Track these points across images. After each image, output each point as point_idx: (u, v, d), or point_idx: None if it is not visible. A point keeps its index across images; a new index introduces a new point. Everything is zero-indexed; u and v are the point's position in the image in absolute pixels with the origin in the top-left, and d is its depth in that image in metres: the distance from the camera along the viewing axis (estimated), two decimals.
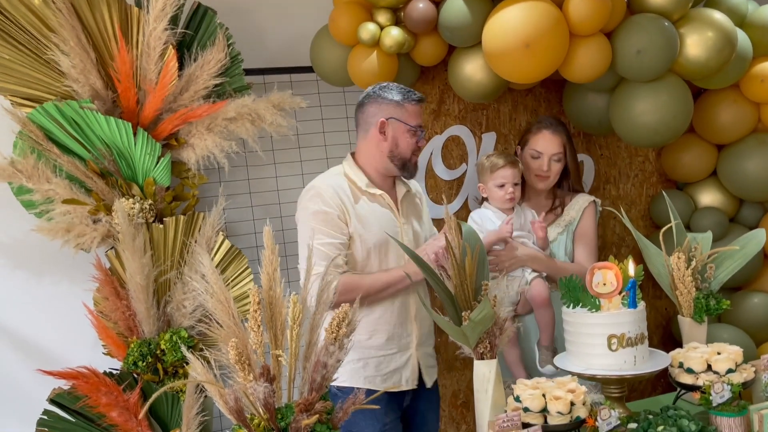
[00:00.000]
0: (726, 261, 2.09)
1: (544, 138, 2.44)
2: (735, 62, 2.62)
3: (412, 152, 2.18)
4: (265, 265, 1.61)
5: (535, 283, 2.33)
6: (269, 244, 1.62)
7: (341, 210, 2.11)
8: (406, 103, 2.15)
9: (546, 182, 2.48)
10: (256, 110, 2.47)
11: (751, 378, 1.78)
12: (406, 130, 2.15)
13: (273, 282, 1.62)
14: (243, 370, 1.52)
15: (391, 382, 2.20)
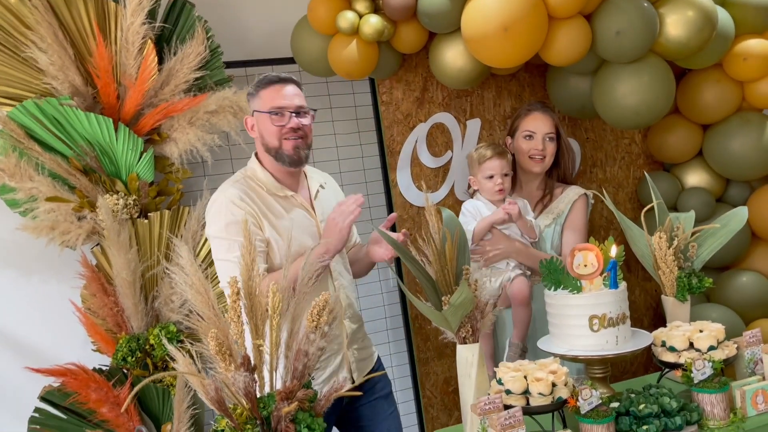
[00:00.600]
0: (708, 239, 2.09)
1: (536, 118, 2.44)
2: (717, 41, 2.61)
3: (278, 137, 1.98)
4: (243, 256, 1.62)
5: (517, 281, 2.32)
6: (246, 235, 1.62)
7: (252, 215, 1.95)
8: (260, 89, 2.02)
9: (542, 164, 2.45)
10: (238, 102, 2.46)
11: (733, 354, 1.79)
12: (265, 117, 1.99)
13: (252, 272, 1.63)
14: (224, 360, 1.53)
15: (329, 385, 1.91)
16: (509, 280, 2.33)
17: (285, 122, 1.98)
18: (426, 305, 1.76)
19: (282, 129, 1.98)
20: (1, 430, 2.48)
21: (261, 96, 2.01)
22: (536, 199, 2.50)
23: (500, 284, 2.34)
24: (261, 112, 2.00)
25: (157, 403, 2.45)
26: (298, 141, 2.00)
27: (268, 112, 1.98)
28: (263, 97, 2.00)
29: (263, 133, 2.01)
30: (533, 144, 2.42)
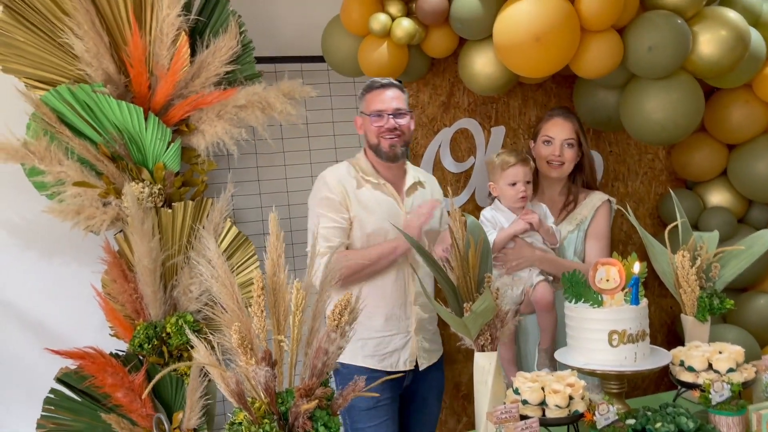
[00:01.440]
0: (732, 261, 2.09)
1: (556, 124, 2.43)
2: (748, 62, 2.60)
3: (377, 136, 2.24)
4: (270, 252, 1.63)
5: (539, 287, 2.31)
6: (274, 231, 1.64)
7: (343, 196, 2.23)
8: (366, 94, 2.29)
9: (560, 170, 2.44)
10: (266, 98, 2.48)
11: (751, 378, 1.78)
12: (369, 119, 2.26)
13: (277, 268, 1.64)
14: (245, 354, 1.55)
15: (389, 362, 2.28)
16: (531, 286, 2.32)
17: (383, 123, 2.23)
18: (447, 311, 1.77)
19: (380, 129, 2.23)
20: (17, 410, 2.51)
21: (366, 99, 2.28)
22: (559, 205, 2.48)
23: (522, 290, 2.33)
24: (365, 115, 2.28)
25: (170, 392, 2.47)
26: (395, 139, 2.24)
27: (369, 114, 2.25)
28: (367, 100, 2.28)
29: (367, 131, 2.29)
30: (551, 149, 2.41)
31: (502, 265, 2.35)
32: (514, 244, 2.34)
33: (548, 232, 2.36)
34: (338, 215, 2.22)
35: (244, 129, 2.51)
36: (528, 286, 2.32)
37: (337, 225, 2.22)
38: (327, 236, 2.20)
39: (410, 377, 2.34)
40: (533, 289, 2.31)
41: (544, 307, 2.30)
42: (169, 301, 2.48)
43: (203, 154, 2.52)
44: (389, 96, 2.25)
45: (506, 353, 2.35)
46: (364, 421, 2.28)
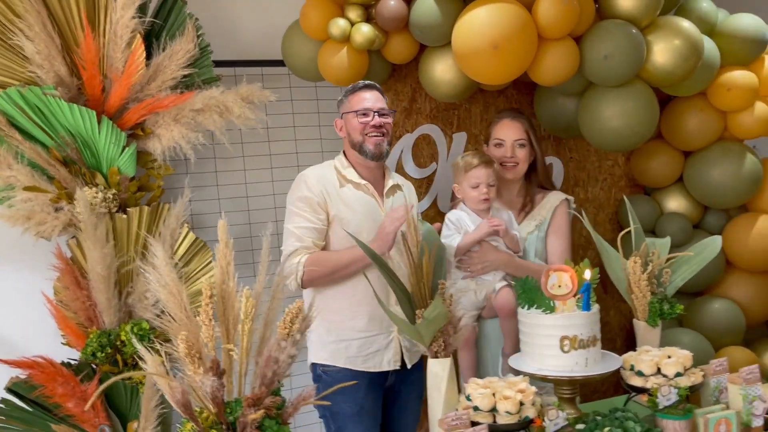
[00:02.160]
0: (682, 266, 2.12)
1: (505, 126, 2.43)
2: (702, 70, 2.65)
3: (361, 133, 2.25)
4: (219, 259, 1.61)
5: (502, 293, 2.30)
6: (224, 238, 1.61)
7: (322, 196, 2.23)
8: (349, 95, 2.30)
9: (514, 171, 2.44)
10: (224, 102, 2.45)
11: (699, 382, 1.81)
12: (352, 117, 2.27)
13: (226, 276, 1.62)
14: (192, 363, 1.52)
15: (372, 363, 2.28)
16: (494, 292, 2.33)
17: (369, 120, 2.25)
18: (399, 317, 1.77)
19: (366, 126, 2.25)
20: None
21: (350, 100, 2.30)
22: (517, 206, 2.50)
23: (485, 295, 2.34)
24: (349, 113, 2.28)
25: (124, 401, 2.43)
26: (380, 138, 2.26)
27: (355, 111, 2.26)
28: (351, 100, 2.29)
29: (350, 131, 2.29)
30: (503, 151, 2.42)
31: (467, 268, 2.35)
32: (479, 247, 2.35)
33: (513, 239, 2.37)
34: (314, 215, 2.23)
35: (201, 133, 2.48)
36: (491, 291, 2.33)
37: (312, 225, 2.22)
38: (300, 236, 2.21)
39: (393, 377, 2.34)
40: (496, 295, 2.31)
41: (507, 313, 2.30)
42: (124, 308, 2.44)
43: (159, 159, 2.47)
44: (373, 96, 2.28)
45: (467, 359, 2.36)
46: (350, 427, 2.27)
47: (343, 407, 2.24)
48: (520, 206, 2.51)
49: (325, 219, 2.24)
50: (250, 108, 2.51)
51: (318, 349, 2.31)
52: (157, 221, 2.49)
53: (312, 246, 2.22)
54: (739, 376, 1.77)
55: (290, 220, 2.25)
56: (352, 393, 2.20)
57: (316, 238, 2.23)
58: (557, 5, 2.27)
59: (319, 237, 2.24)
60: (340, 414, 2.24)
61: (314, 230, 2.23)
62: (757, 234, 2.92)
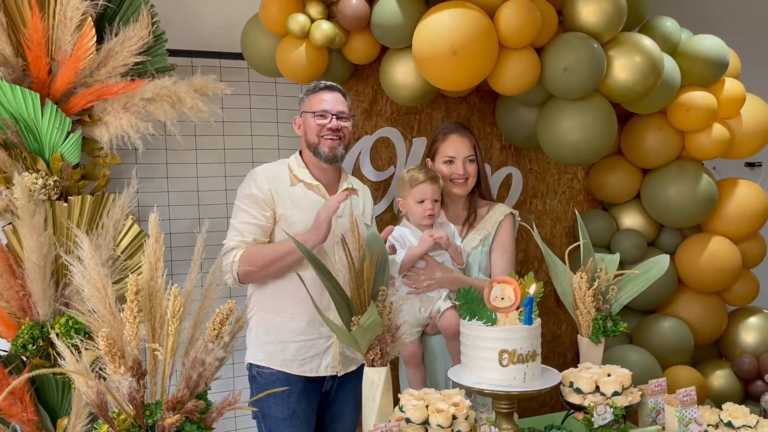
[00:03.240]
0: (629, 284, 2.11)
1: (454, 142, 2.39)
2: (662, 89, 2.65)
3: (317, 135, 2.23)
4: (148, 254, 1.55)
5: (447, 314, 2.25)
6: (154, 233, 1.56)
7: (269, 194, 2.22)
8: (310, 94, 2.28)
9: (464, 186, 2.41)
10: (176, 93, 2.37)
11: (637, 402, 1.80)
12: (310, 117, 2.25)
13: (155, 272, 1.56)
14: (113, 362, 1.46)
15: (309, 367, 2.25)
16: (438, 312, 2.29)
17: (326, 122, 2.23)
18: (335, 323, 1.72)
19: (322, 128, 2.22)
20: None
21: (310, 99, 2.28)
22: (462, 219, 2.47)
23: (430, 313, 2.31)
24: (308, 113, 2.26)
25: (55, 396, 2.33)
26: (336, 141, 2.25)
27: (314, 111, 2.23)
28: (311, 100, 2.27)
29: (306, 130, 2.28)
30: (454, 168, 2.38)
31: (413, 285, 2.31)
32: (425, 263, 2.30)
33: (456, 251, 2.34)
34: (260, 212, 2.21)
35: (152, 123, 2.40)
36: (435, 312, 2.29)
37: (255, 222, 2.21)
38: (242, 231, 2.20)
39: (330, 383, 2.31)
40: (440, 316, 2.27)
41: (452, 335, 2.25)
42: (60, 300, 2.35)
43: (106, 147, 2.39)
44: (334, 98, 2.26)
45: (415, 375, 2.32)
46: (281, 430, 2.24)
47: (275, 410, 2.21)
48: (464, 219, 2.48)
49: (271, 217, 2.22)
50: (203, 100, 2.44)
51: (255, 349, 2.28)
52: (101, 211, 2.40)
53: (251, 242, 2.20)
54: (675, 398, 1.76)
55: (236, 215, 2.24)
56: (284, 396, 2.19)
57: (259, 234, 2.21)
58: (519, 14, 2.25)
59: (263, 234, 2.22)
60: (272, 417, 2.22)
61: (258, 227, 2.21)
62: (709, 255, 2.94)
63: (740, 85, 2.92)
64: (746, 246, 3.04)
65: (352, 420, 2.43)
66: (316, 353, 2.25)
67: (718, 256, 2.94)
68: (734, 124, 2.95)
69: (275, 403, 2.23)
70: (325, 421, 2.39)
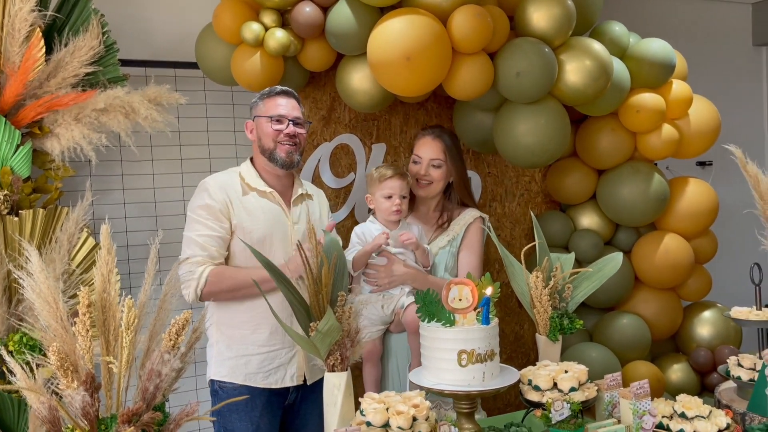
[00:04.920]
0: (584, 282, 2.16)
1: (425, 143, 2.42)
2: (613, 92, 2.73)
3: (273, 140, 2.19)
4: (100, 266, 1.53)
5: (410, 309, 2.28)
6: (105, 243, 1.54)
7: (224, 204, 2.17)
8: (264, 98, 2.23)
9: (426, 189, 2.43)
10: (130, 103, 2.35)
11: (593, 397, 1.83)
12: (265, 122, 2.20)
13: (107, 284, 1.54)
14: (66, 377, 1.43)
15: (273, 379, 2.22)
16: (402, 307, 2.31)
17: (283, 128, 2.19)
18: (294, 331, 1.72)
19: (279, 134, 2.19)
20: None
21: (264, 104, 2.23)
22: (433, 221, 2.49)
23: (393, 310, 2.33)
24: (262, 117, 2.21)
25: (12, 415, 2.27)
26: (292, 147, 2.21)
27: (270, 116, 2.19)
28: (266, 104, 2.22)
29: (261, 136, 2.22)
30: (418, 168, 2.41)
31: (374, 282, 2.33)
32: (387, 260, 2.33)
33: (423, 253, 2.37)
34: (217, 224, 2.15)
35: (105, 134, 2.36)
36: (399, 307, 2.31)
37: (214, 234, 2.15)
38: (203, 245, 2.13)
39: (293, 395, 2.29)
40: (404, 311, 2.29)
41: (415, 329, 2.25)
42: (13, 317, 2.29)
43: (58, 159, 2.34)
44: (289, 104, 2.23)
45: (371, 373, 2.32)
46: None
47: (238, 426, 2.17)
48: (435, 221, 2.50)
49: (228, 228, 2.17)
50: (158, 110, 2.41)
51: (217, 365, 2.23)
52: (54, 225, 2.35)
53: (216, 255, 2.15)
54: (629, 391, 1.80)
55: (191, 228, 2.17)
56: (248, 411, 2.16)
57: (220, 246, 2.16)
58: (471, 20, 2.29)
59: (223, 245, 2.17)
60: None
61: (218, 239, 2.16)
62: (664, 252, 3.02)
63: (687, 87, 3.02)
64: (698, 242, 3.13)
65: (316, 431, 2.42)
66: (280, 364, 2.23)
67: (672, 253, 3.02)
68: (683, 124, 3.04)
69: (238, 418, 2.19)
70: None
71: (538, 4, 2.48)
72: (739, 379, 2.22)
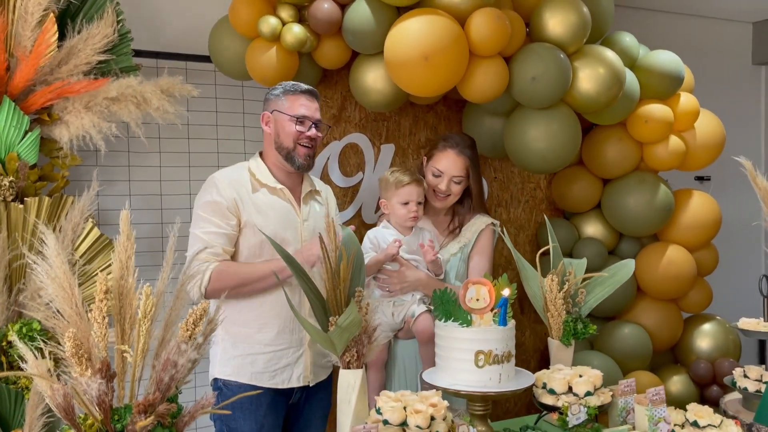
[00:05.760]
0: (596, 288, 2.15)
1: (448, 158, 2.36)
2: (623, 101, 2.74)
3: (294, 141, 2.14)
4: (119, 253, 1.49)
5: (422, 318, 2.26)
6: (125, 230, 1.50)
7: (233, 201, 2.11)
8: (288, 94, 2.16)
9: (443, 202, 2.42)
10: (142, 93, 2.32)
11: (608, 402, 1.82)
12: (287, 120, 2.14)
13: (125, 271, 1.50)
14: (80, 364, 1.39)
15: (280, 379, 2.18)
16: (413, 316, 2.28)
17: (305, 130, 2.15)
18: (311, 324, 1.69)
19: (300, 135, 2.14)
20: None
21: (288, 100, 2.16)
22: (444, 224, 2.47)
23: (403, 318, 2.30)
24: (285, 114, 2.15)
25: (8, 407, 2.21)
26: (311, 150, 2.18)
27: (293, 116, 2.13)
28: (291, 102, 2.16)
29: (280, 132, 2.16)
30: (438, 182, 2.37)
31: (386, 288, 2.30)
32: (399, 266, 2.30)
33: (436, 263, 2.35)
34: (224, 221, 2.10)
35: (115, 124, 2.33)
36: (409, 316, 2.28)
37: (221, 231, 2.10)
38: (209, 242, 2.08)
39: (298, 395, 2.24)
40: (415, 320, 2.26)
41: (426, 339, 2.25)
42: (14, 306, 2.23)
43: (66, 147, 2.30)
44: (313, 106, 2.19)
45: (376, 379, 2.30)
46: None
47: (242, 424, 2.13)
48: (446, 227, 2.48)
49: (236, 225, 2.12)
50: (170, 102, 2.39)
51: (222, 364, 2.19)
52: (58, 214, 2.31)
53: (222, 252, 2.10)
54: (645, 398, 1.79)
55: (197, 225, 2.12)
56: (253, 411, 2.12)
57: (226, 243, 2.11)
58: (490, 22, 2.29)
59: (229, 243, 2.12)
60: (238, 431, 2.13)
61: (224, 236, 2.10)
62: (667, 263, 3.03)
63: (694, 99, 3.04)
64: (700, 255, 3.15)
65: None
66: (287, 364, 2.19)
67: (675, 264, 3.03)
68: (688, 137, 3.07)
69: (243, 417, 2.15)
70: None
71: (554, 10, 2.49)
72: (745, 390, 2.23)
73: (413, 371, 2.36)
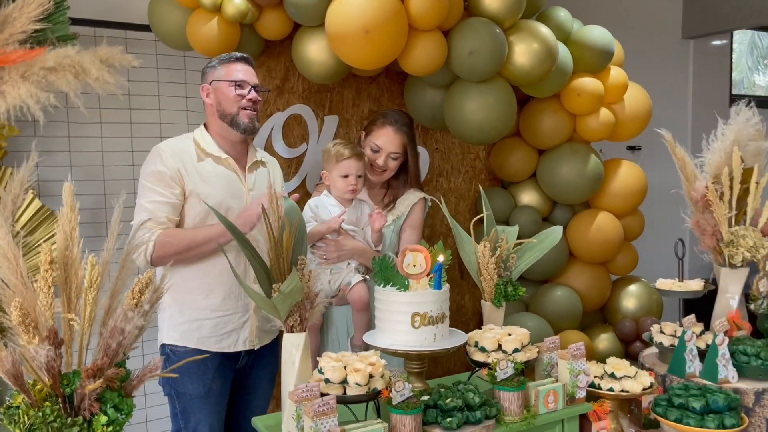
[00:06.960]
0: (527, 253, 2.28)
1: (387, 134, 2.47)
2: (556, 74, 2.86)
3: (236, 105, 2.20)
4: (63, 224, 1.53)
5: (357, 287, 2.37)
6: (68, 202, 1.53)
7: (176, 171, 2.15)
8: (223, 63, 2.23)
9: (380, 177, 2.52)
10: (80, 63, 2.27)
11: (534, 358, 1.97)
12: (226, 86, 2.20)
13: (70, 242, 1.53)
14: (27, 333, 1.43)
15: (226, 343, 2.26)
16: (349, 284, 2.38)
17: (245, 93, 2.20)
18: (255, 291, 1.76)
19: (241, 98, 2.19)
20: None
21: (225, 68, 2.22)
22: (379, 197, 2.58)
23: (339, 286, 2.39)
24: (223, 81, 2.20)
25: None
26: (253, 113, 2.23)
27: (232, 80, 2.19)
28: (228, 69, 2.22)
29: (221, 100, 2.21)
30: (376, 157, 2.48)
31: (323, 256, 2.39)
32: (337, 235, 2.39)
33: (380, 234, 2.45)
34: (168, 190, 2.14)
35: (53, 94, 2.30)
36: (345, 284, 2.38)
37: (165, 200, 2.14)
38: (153, 210, 2.12)
39: (245, 359, 2.33)
40: (350, 289, 2.37)
41: (360, 307, 2.37)
42: None
43: (3, 118, 2.26)
44: (249, 71, 2.24)
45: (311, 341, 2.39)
46: (195, 408, 2.23)
47: (189, 388, 2.21)
48: (381, 199, 2.59)
49: (180, 194, 2.17)
50: (110, 72, 2.36)
51: (169, 330, 2.25)
52: None
53: (165, 221, 2.15)
54: (567, 352, 1.94)
55: (143, 194, 2.16)
56: (200, 375, 2.20)
57: (170, 213, 2.15)
58: None
59: (174, 212, 2.17)
60: (187, 395, 2.22)
61: (168, 205, 2.15)
62: (596, 229, 3.21)
63: (624, 73, 3.20)
64: (628, 221, 3.34)
65: (267, 395, 2.47)
66: (233, 328, 2.26)
67: (604, 230, 3.21)
68: (618, 109, 3.23)
69: (190, 381, 2.22)
70: (240, 397, 2.41)
71: None
72: (660, 344, 2.43)
73: (346, 336, 2.48)
